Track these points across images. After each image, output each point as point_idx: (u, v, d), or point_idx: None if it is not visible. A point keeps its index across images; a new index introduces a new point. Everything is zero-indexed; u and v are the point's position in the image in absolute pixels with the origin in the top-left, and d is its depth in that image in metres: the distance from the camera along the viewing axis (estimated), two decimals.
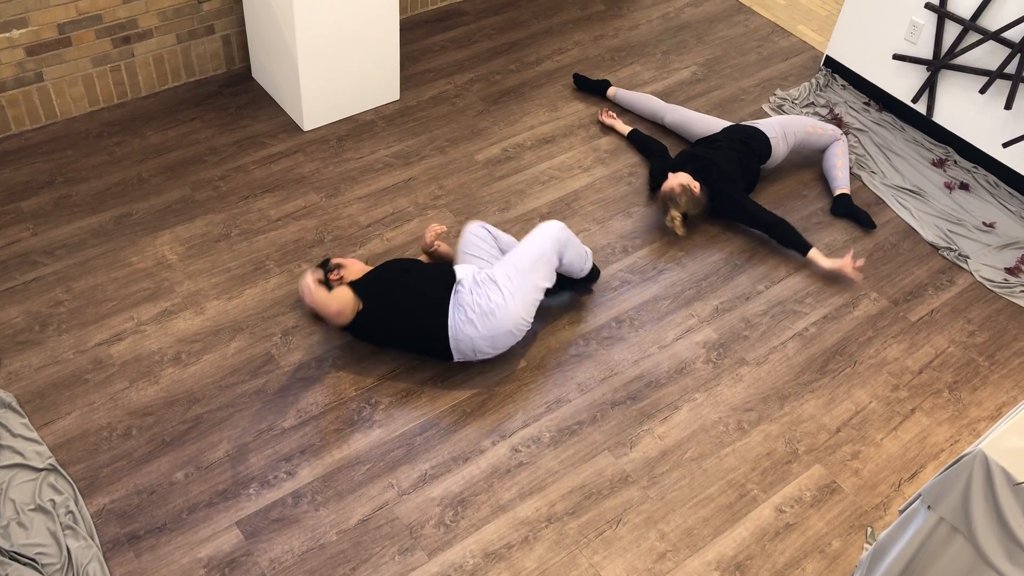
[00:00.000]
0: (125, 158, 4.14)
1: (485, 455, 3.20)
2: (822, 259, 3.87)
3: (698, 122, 4.36)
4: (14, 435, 3.09)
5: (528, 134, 4.46)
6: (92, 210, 3.90)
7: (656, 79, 4.86)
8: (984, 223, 4.19)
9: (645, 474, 3.19)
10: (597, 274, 3.70)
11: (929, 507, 2.31)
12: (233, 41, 4.56)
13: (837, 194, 4.21)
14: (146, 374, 3.33)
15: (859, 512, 3.14)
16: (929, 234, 4.13)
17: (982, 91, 4.29)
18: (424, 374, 3.42)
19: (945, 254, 4.05)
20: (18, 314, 3.48)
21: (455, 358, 3.34)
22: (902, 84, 4.67)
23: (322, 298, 3.10)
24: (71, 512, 2.91)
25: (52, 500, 2.93)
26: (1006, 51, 4.20)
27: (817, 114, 4.71)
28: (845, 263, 3.83)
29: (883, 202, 4.28)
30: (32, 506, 2.91)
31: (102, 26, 4.13)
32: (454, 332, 3.26)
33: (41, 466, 3.01)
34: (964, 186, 4.37)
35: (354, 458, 3.15)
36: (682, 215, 3.91)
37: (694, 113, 4.41)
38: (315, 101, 4.29)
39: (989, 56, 4.27)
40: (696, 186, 3.90)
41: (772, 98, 4.78)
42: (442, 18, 5.16)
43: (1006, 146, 4.29)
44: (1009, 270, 3.99)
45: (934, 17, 4.41)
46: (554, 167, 4.30)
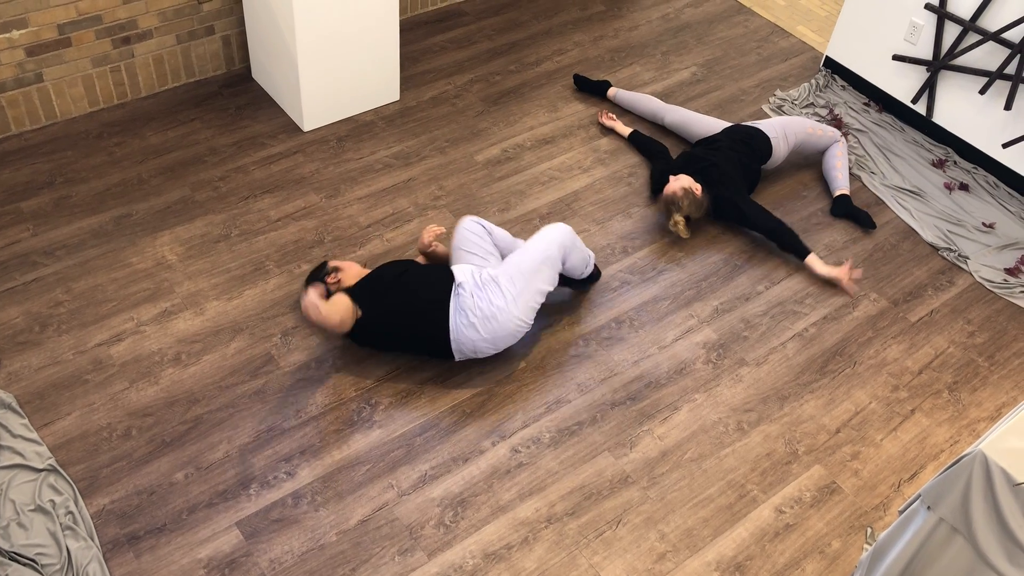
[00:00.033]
0: (125, 159, 4.14)
1: (485, 456, 3.20)
2: (819, 265, 3.86)
3: (698, 123, 4.36)
4: (14, 436, 3.08)
5: (528, 135, 4.46)
6: (92, 211, 3.90)
7: (656, 80, 4.86)
8: (984, 224, 4.19)
9: (645, 475, 3.19)
10: (598, 275, 3.70)
11: (929, 508, 2.31)
12: (233, 42, 4.55)
13: (837, 195, 4.21)
14: (146, 375, 3.33)
15: (859, 512, 3.14)
16: (929, 235, 4.13)
17: (982, 92, 4.29)
18: (424, 374, 3.42)
19: (945, 255, 4.05)
20: (18, 314, 3.48)
21: (456, 358, 3.34)
22: (902, 85, 4.67)
23: (326, 313, 3.08)
24: (71, 512, 2.91)
25: (52, 500, 2.93)
26: (1006, 52, 4.20)
27: (817, 115, 4.70)
28: (842, 272, 3.82)
29: (883, 203, 4.28)
30: (32, 507, 2.91)
31: (102, 26, 4.13)
32: (455, 334, 3.25)
33: (41, 467, 3.01)
34: (964, 187, 4.37)
35: (354, 459, 3.15)
36: (685, 218, 3.91)
37: (694, 114, 4.41)
38: (315, 102, 4.29)
39: (989, 57, 4.27)
40: (698, 189, 3.89)
41: (772, 99, 4.78)
42: (442, 19, 5.16)
43: (1006, 147, 4.29)
44: (1009, 271, 3.99)
45: (934, 18, 4.41)
46: (554, 168, 4.30)
